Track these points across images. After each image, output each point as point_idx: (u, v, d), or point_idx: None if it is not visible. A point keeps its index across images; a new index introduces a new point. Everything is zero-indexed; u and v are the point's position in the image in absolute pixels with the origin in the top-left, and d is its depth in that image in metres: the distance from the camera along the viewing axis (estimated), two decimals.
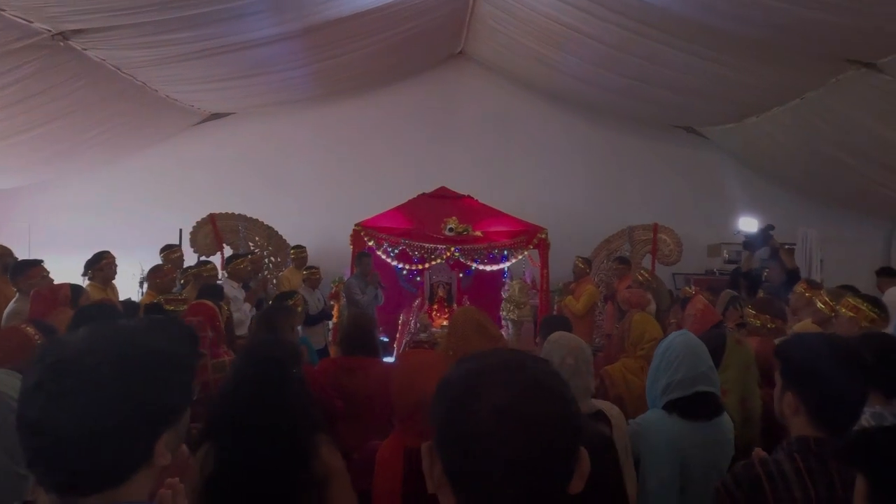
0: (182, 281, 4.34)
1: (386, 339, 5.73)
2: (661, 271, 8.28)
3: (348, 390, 2.38)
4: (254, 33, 5.92)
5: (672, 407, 1.83)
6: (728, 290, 4.21)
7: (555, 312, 6.13)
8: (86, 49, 5.42)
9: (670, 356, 1.86)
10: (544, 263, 6.22)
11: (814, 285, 3.24)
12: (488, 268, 6.26)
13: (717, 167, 9.24)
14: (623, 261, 6.22)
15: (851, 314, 2.54)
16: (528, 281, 6.86)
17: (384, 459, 1.52)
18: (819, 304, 2.74)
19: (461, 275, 7.00)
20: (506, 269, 6.76)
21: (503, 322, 5.84)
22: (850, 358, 1.32)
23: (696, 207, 9.15)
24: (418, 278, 6.84)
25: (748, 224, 6.92)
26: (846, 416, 1.28)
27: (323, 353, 5.13)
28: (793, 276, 5.16)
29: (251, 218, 6.94)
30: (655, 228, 7.26)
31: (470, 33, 8.34)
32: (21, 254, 6.07)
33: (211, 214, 6.74)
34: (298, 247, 5.81)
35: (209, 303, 2.57)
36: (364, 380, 2.46)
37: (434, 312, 6.47)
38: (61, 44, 5.02)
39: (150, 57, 5.90)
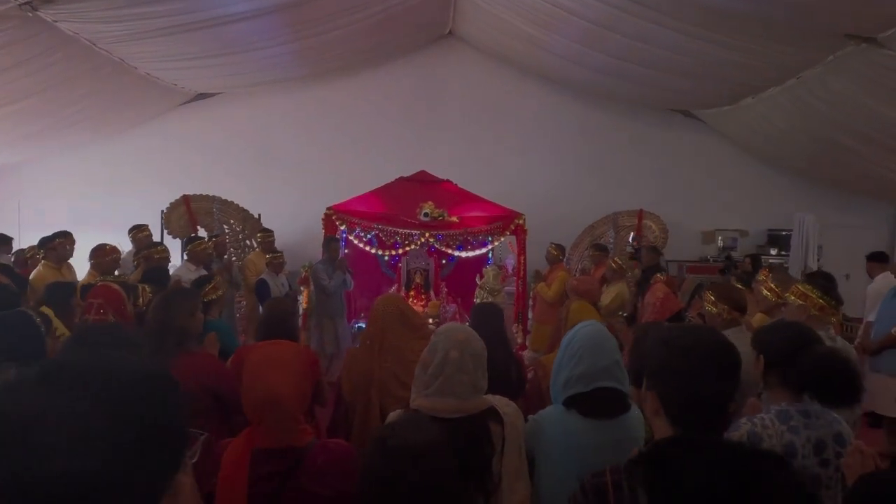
0: (135, 262, 4.25)
1: (364, 326, 5.64)
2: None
3: None
4: (228, 8, 5.77)
5: (571, 403, 1.68)
6: (693, 278, 4.01)
7: (531, 299, 5.98)
8: (56, 21, 5.31)
9: (573, 348, 1.71)
10: (521, 250, 6.04)
11: (771, 270, 3.05)
12: (464, 254, 6.09)
13: (713, 152, 8.93)
14: (599, 247, 6.02)
15: (800, 301, 2.36)
16: (509, 268, 6.70)
17: (230, 460, 1.40)
18: (765, 292, 2.55)
19: (444, 262, 6.85)
20: (489, 255, 6.60)
21: None
22: (712, 354, 1.17)
23: (691, 193, 8.88)
24: (399, 264, 6.70)
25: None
26: (705, 417, 1.13)
27: None
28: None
29: (226, 200, 6.84)
30: (640, 215, 7.03)
31: (457, 12, 8.09)
32: (10, 232, 6.11)
33: (185, 196, 6.67)
34: (265, 230, 5.71)
35: (115, 286, 2.46)
36: None
37: (411, 299, 6.34)
38: (30, 14, 4.92)
39: (124, 31, 5.77)
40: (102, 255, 3.61)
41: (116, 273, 3.88)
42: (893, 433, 3.75)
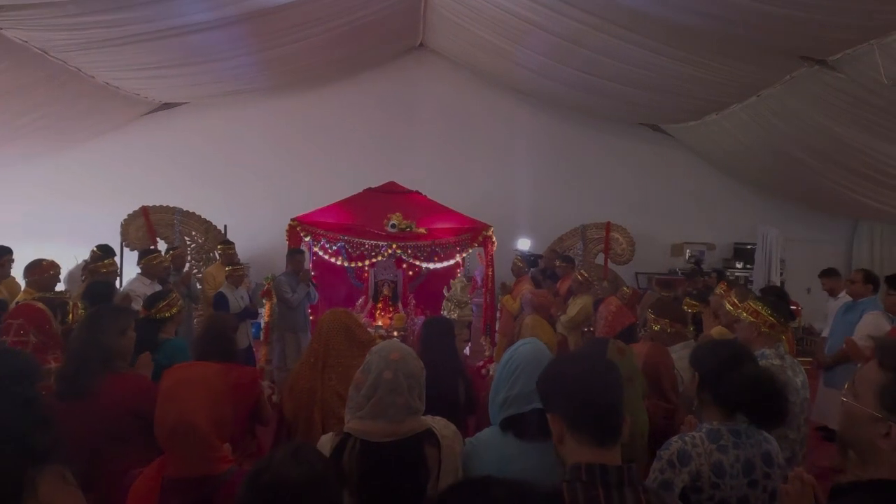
0: (83, 277, 4.08)
1: None
2: (626, 271, 8.16)
3: None
4: (189, 17, 5.66)
5: (508, 425, 1.63)
6: (652, 292, 4.02)
7: (498, 311, 5.94)
8: (2, 29, 5.13)
9: (510, 368, 1.66)
10: (489, 262, 6.01)
11: (731, 285, 3.06)
12: (431, 265, 6.03)
13: (681, 166, 9.11)
14: (566, 259, 6.03)
15: (752, 318, 2.36)
16: (478, 280, 6.66)
17: (138, 491, 1.31)
18: (728, 306, 2.55)
19: (410, 273, 6.77)
20: (462, 267, 6.55)
21: None
22: (595, 375, 1.23)
23: (661, 207, 9.02)
24: (367, 276, 6.61)
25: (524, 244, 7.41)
26: (606, 428, 1.19)
27: (246, 353, 4.90)
28: None
29: (187, 211, 6.66)
30: (608, 227, 7.09)
31: (427, 25, 8.12)
32: None
33: (143, 207, 6.48)
34: (225, 242, 5.56)
35: (39, 305, 2.33)
36: None
37: (378, 311, 6.25)
38: None
39: (76, 40, 5.62)
40: (40, 272, 3.44)
41: (62, 288, 3.71)
42: (845, 448, 3.78)
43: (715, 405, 1.70)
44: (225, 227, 7.25)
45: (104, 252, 4.24)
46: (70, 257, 5.67)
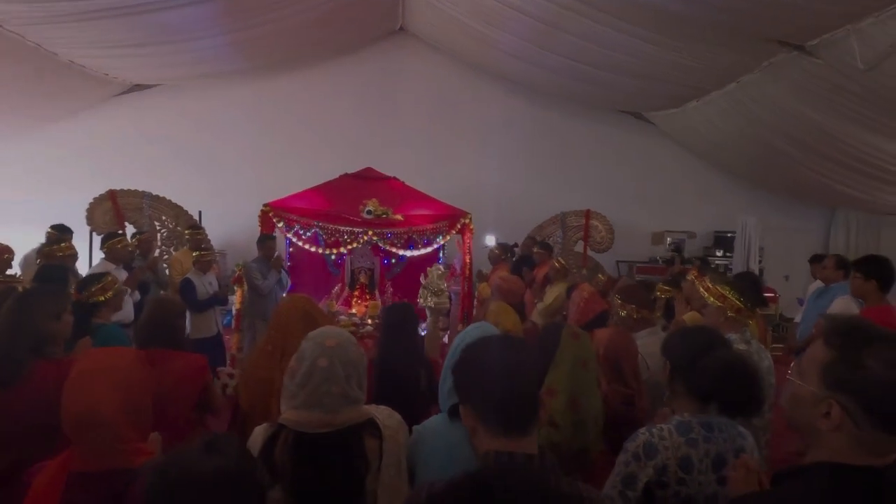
0: (38, 261, 3.92)
1: None
2: (607, 259, 8.13)
3: None
4: None
5: (455, 412, 1.55)
6: (627, 280, 3.97)
7: (475, 299, 5.87)
8: None
9: (458, 354, 1.58)
10: (467, 249, 5.92)
11: (703, 272, 3.02)
12: (409, 253, 5.93)
13: (663, 154, 9.08)
14: (544, 246, 5.97)
15: (719, 303, 2.31)
16: (458, 267, 6.58)
17: (40, 486, 1.21)
18: (701, 290, 2.50)
19: (393, 261, 6.67)
20: (441, 255, 6.46)
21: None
22: (502, 362, 1.16)
23: (642, 195, 8.99)
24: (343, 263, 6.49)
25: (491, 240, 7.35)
26: (519, 416, 1.14)
27: (215, 341, 4.79)
28: None
29: (157, 196, 6.46)
30: (587, 214, 7.04)
31: (406, 8, 7.94)
32: None
33: (111, 190, 6.27)
34: (194, 227, 5.41)
35: None
36: (160, 376, 2.11)
37: (355, 299, 6.14)
38: None
39: (35, 13, 5.35)
40: None
41: (14, 272, 3.55)
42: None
43: (687, 395, 1.61)
44: (200, 213, 7.06)
45: (60, 232, 4.07)
46: (36, 243, 5.50)
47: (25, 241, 5.30)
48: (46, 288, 2.27)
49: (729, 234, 8.65)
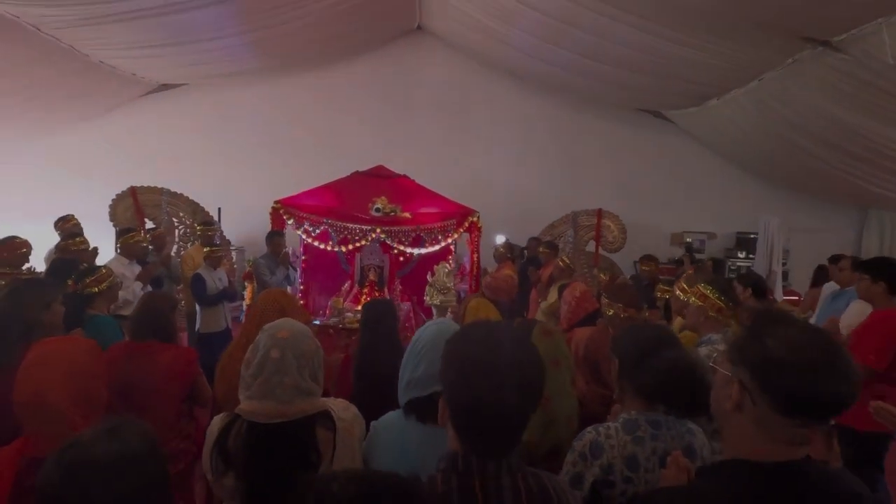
0: (55, 255, 4.09)
1: (318, 323, 5.49)
2: (624, 259, 7.98)
3: (127, 380, 2.12)
4: None
5: (411, 408, 1.56)
6: (625, 279, 3.90)
7: None
8: None
9: (416, 349, 1.59)
10: (475, 248, 5.91)
11: (698, 270, 2.94)
12: (417, 251, 5.95)
13: (683, 153, 8.86)
14: (549, 245, 5.91)
15: (700, 303, 2.25)
16: (467, 266, 6.57)
17: None
18: (677, 292, 2.44)
19: (402, 259, 6.70)
20: (453, 253, 6.47)
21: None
22: (480, 364, 1.08)
23: (661, 194, 8.80)
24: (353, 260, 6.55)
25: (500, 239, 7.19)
26: (490, 431, 1.07)
27: (224, 335, 4.90)
28: None
29: (175, 192, 6.66)
30: (599, 214, 6.93)
31: (423, 6, 7.96)
32: None
33: (132, 187, 6.50)
34: (206, 223, 5.55)
35: None
36: (150, 368, 2.20)
37: (364, 297, 6.20)
38: None
39: (68, 16, 5.60)
40: (10, 249, 3.43)
41: (31, 266, 3.72)
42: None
43: (634, 393, 1.60)
44: (219, 209, 7.26)
45: (62, 222, 4.27)
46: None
47: (53, 235, 5.56)
48: (39, 279, 2.37)
49: (751, 235, 8.40)
